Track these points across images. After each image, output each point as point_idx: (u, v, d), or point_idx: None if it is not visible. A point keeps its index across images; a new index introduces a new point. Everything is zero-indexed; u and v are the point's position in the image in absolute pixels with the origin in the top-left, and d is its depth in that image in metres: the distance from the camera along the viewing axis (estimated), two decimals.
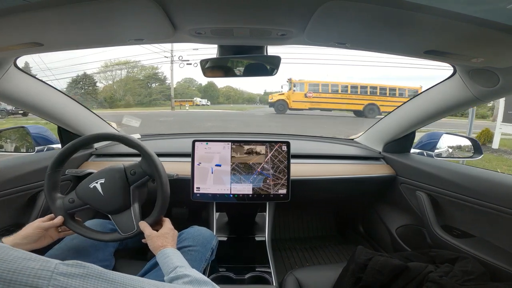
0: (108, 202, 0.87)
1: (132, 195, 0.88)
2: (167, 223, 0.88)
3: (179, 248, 0.87)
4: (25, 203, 1.10)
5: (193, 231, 0.98)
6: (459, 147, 1.50)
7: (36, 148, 1.32)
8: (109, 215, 0.88)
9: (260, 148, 1.19)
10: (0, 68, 0.90)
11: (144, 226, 0.84)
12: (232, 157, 1.19)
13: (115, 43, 0.83)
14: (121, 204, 0.87)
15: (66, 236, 0.89)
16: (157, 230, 0.83)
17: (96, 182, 0.86)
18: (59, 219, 0.84)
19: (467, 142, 1.44)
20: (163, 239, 0.80)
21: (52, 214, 0.87)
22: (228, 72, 0.97)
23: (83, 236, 0.87)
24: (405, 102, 1.35)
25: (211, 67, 0.95)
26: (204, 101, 31.72)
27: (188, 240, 0.93)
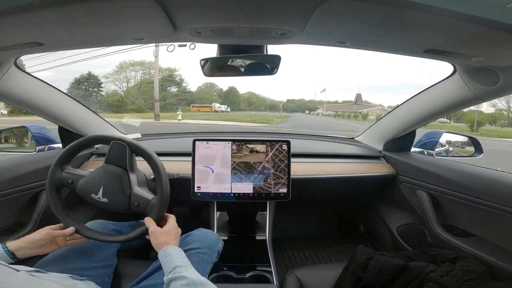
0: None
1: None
2: (172, 220, 0.88)
3: (186, 250, 0.88)
4: (26, 203, 1.10)
5: (200, 234, 0.98)
6: (460, 146, 1.50)
7: (37, 148, 1.33)
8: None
9: (261, 147, 1.19)
10: (1, 68, 0.90)
11: (149, 222, 0.84)
12: (232, 156, 1.19)
13: (115, 42, 0.83)
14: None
15: (73, 244, 0.89)
16: (161, 226, 0.84)
17: (98, 198, 0.86)
18: (71, 229, 0.85)
19: (468, 141, 1.44)
20: (166, 236, 0.80)
21: (62, 223, 0.87)
22: (228, 71, 0.97)
23: (96, 240, 0.89)
24: (405, 101, 1.34)
25: (211, 67, 0.95)
26: (223, 107, 30.22)
27: (195, 242, 0.94)
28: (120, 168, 0.88)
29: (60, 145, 1.37)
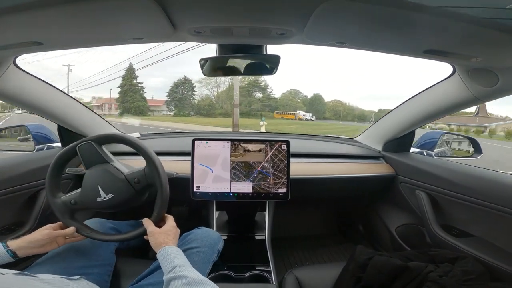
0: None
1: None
2: (170, 221, 0.88)
3: (187, 249, 0.88)
4: (25, 202, 1.10)
5: (201, 232, 0.98)
6: (459, 147, 1.50)
7: (36, 147, 1.32)
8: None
9: (260, 147, 1.19)
10: (0, 66, 0.90)
11: (148, 223, 0.84)
12: (232, 156, 1.19)
13: (115, 42, 0.83)
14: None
15: (72, 242, 0.89)
16: (159, 227, 0.84)
17: (104, 198, 0.86)
18: (71, 229, 0.85)
19: (467, 142, 1.44)
20: (165, 236, 0.80)
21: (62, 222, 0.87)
22: (228, 71, 0.97)
23: (95, 239, 0.89)
24: (404, 101, 1.35)
25: (211, 66, 0.95)
26: (308, 115, 29.26)
27: (196, 241, 0.94)
28: (100, 163, 0.88)
29: (59, 144, 1.37)
